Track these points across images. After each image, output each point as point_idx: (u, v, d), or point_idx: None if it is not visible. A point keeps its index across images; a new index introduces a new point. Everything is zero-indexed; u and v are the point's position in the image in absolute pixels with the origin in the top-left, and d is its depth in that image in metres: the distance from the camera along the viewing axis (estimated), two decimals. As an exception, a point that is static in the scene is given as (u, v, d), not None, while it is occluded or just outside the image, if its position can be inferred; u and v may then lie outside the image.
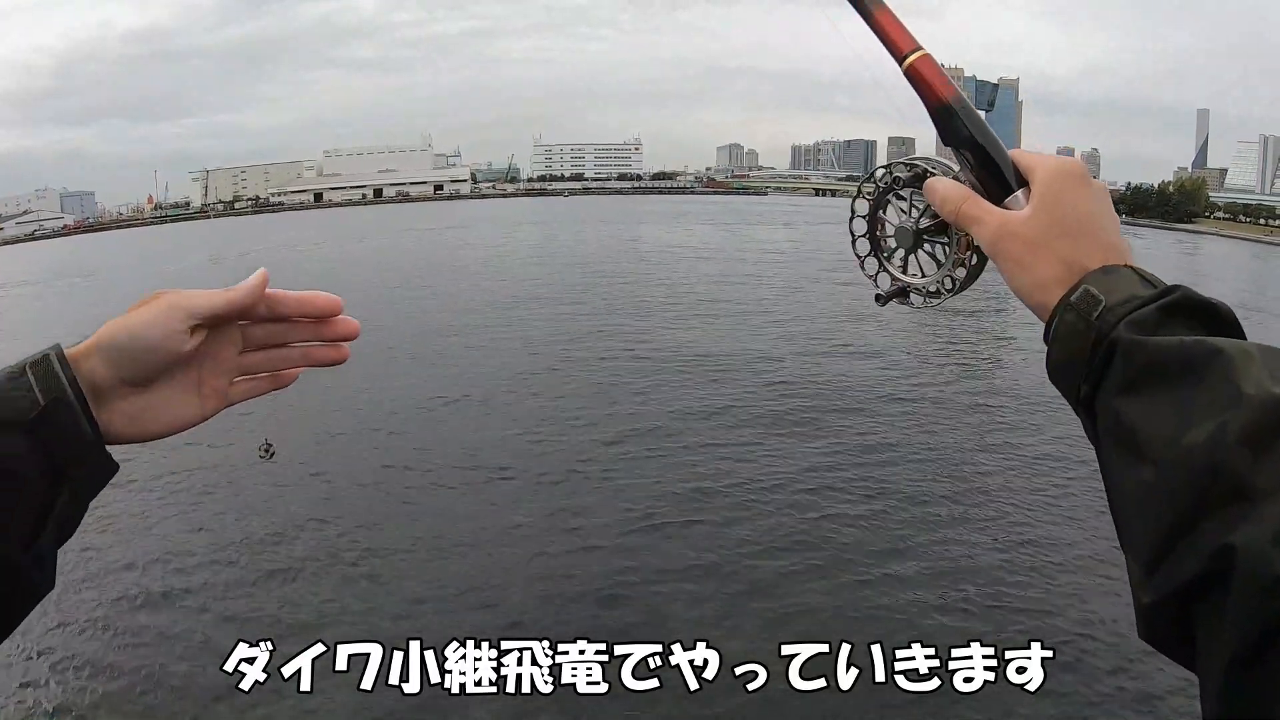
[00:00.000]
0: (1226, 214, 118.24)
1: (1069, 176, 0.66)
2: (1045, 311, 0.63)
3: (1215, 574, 0.46)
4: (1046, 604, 7.92)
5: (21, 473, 0.56)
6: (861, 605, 7.75)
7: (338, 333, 0.73)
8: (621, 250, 45.39)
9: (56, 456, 0.58)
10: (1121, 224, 0.67)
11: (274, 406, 14.62)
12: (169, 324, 0.63)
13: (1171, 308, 0.56)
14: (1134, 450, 0.53)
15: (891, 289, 0.76)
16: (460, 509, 10.16)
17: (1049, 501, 10.05)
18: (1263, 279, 47.34)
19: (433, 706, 5.69)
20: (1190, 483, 0.49)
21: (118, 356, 0.62)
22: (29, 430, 0.57)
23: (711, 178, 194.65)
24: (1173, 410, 0.51)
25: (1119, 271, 0.61)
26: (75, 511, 0.61)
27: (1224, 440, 0.48)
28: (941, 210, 0.70)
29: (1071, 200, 0.65)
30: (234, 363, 0.71)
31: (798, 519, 9.76)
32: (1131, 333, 0.55)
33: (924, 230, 0.74)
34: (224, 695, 6.36)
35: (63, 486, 0.59)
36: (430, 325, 22.20)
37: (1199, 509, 0.48)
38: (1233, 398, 0.49)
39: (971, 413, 14.47)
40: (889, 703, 5.19)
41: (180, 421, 0.68)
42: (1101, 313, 0.58)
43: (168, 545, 9.20)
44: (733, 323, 22.72)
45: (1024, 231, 0.65)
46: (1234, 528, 0.46)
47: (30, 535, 0.57)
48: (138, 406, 0.65)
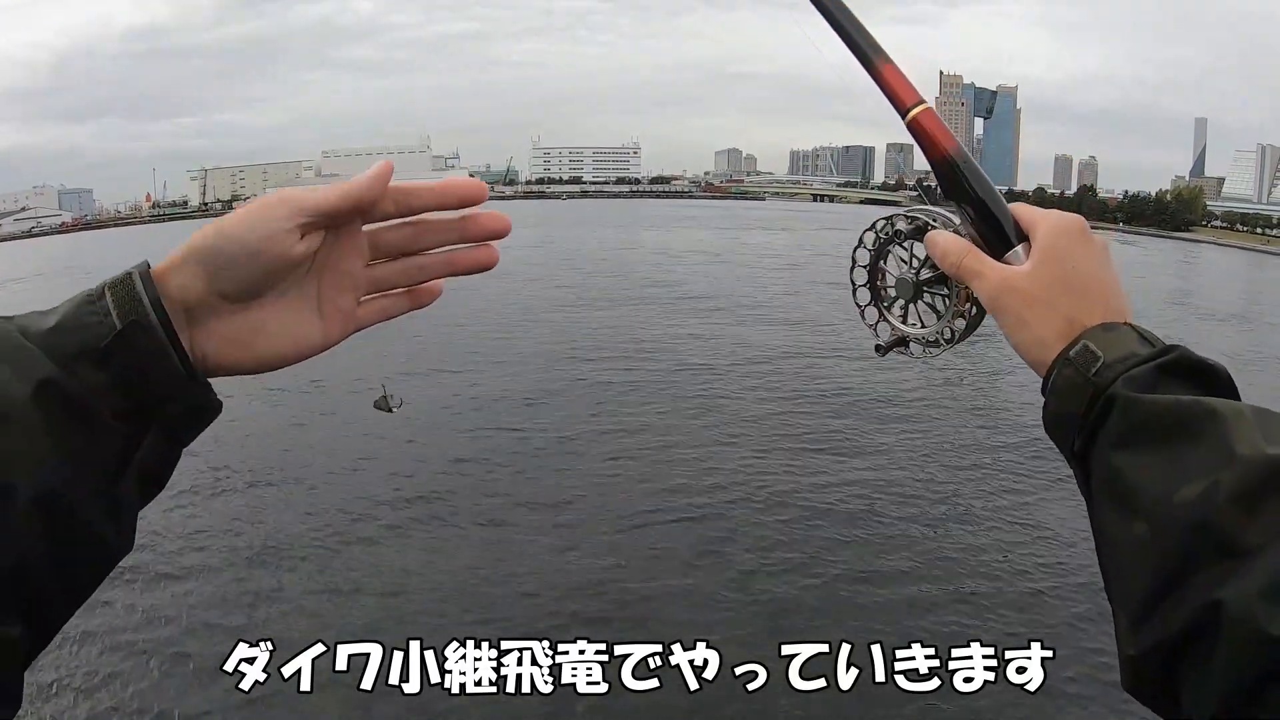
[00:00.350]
0: (1223, 223, 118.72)
1: (1070, 233, 0.66)
2: (1043, 368, 0.63)
3: (1202, 629, 0.47)
4: (1046, 604, 7.95)
5: (96, 411, 0.48)
6: (862, 605, 7.77)
7: (485, 228, 0.60)
8: (621, 251, 45.41)
9: (138, 391, 0.50)
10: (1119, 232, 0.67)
11: (275, 405, 14.60)
12: (272, 221, 0.53)
13: (1169, 367, 0.57)
14: (1126, 504, 0.54)
15: (891, 339, 0.78)
16: (460, 509, 10.16)
17: (1050, 501, 10.08)
18: (1258, 288, 47.48)
19: (433, 706, 5.69)
20: (1181, 538, 0.50)
21: (212, 265, 0.53)
22: (102, 360, 0.48)
23: (710, 182, 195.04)
24: (1166, 467, 0.52)
25: (1119, 329, 0.61)
26: (165, 459, 0.54)
27: (1215, 498, 0.49)
28: (942, 263, 0.71)
29: (1073, 257, 0.65)
30: (361, 276, 0.60)
31: (798, 519, 9.78)
32: (1129, 389, 0.56)
33: (924, 281, 0.75)
34: (224, 695, 6.36)
35: (148, 427, 0.51)
36: (429, 325, 22.20)
37: (1188, 564, 0.49)
38: (1226, 457, 0.50)
39: (973, 414, 14.52)
40: (889, 702, 5.21)
41: (297, 347, 0.58)
42: (1100, 369, 0.59)
43: (165, 544, 9.18)
44: (733, 324, 22.77)
45: (1025, 287, 0.65)
46: (1222, 584, 0.47)
47: (107, 485, 0.49)
48: (241, 328, 0.55)
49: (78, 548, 0.48)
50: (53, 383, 0.47)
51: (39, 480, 0.45)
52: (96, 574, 0.51)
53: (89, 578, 0.50)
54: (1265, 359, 22.21)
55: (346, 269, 0.58)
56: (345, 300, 0.59)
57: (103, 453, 0.48)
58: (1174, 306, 32.05)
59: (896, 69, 0.74)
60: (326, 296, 0.58)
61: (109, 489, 0.49)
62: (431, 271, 0.61)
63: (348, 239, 0.58)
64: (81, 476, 0.47)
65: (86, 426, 0.48)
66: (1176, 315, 29.57)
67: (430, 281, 0.62)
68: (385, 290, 0.61)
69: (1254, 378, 18.30)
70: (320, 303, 0.58)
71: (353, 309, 0.59)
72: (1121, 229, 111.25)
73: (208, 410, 0.55)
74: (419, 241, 0.60)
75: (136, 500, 0.52)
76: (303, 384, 16.10)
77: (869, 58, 0.75)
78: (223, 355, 0.54)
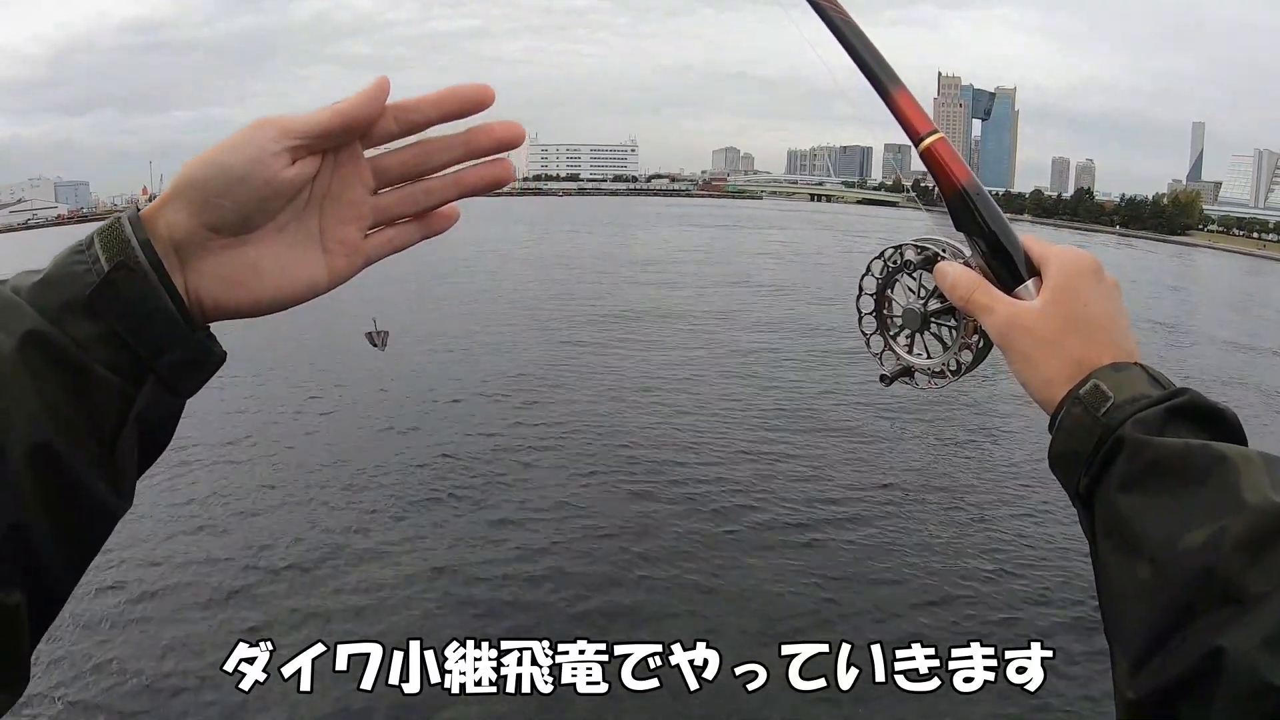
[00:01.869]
0: (1220, 227, 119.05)
1: (1082, 272, 0.66)
2: (1049, 405, 0.63)
3: (1203, 675, 0.47)
4: (1046, 604, 7.97)
5: (86, 363, 0.45)
6: (861, 605, 7.77)
7: (495, 138, 0.55)
8: (619, 254, 45.40)
9: (131, 340, 0.47)
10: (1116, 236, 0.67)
11: (270, 403, 14.59)
12: (258, 144, 0.49)
13: (1179, 410, 0.56)
14: (1131, 547, 0.53)
15: (897, 369, 0.77)
16: (460, 508, 10.15)
17: (1050, 500, 10.08)
18: (1253, 292, 47.64)
19: (433, 705, 5.69)
20: (1184, 583, 0.49)
21: (198, 196, 0.49)
22: (91, 309, 0.46)
23: (707, 181, 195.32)
24: (1173, 511, 0.52)
25: (1129, 369, 0.61)
26: (166, 413, 0.50)
27: (1221, 544, 0.49)
28: (951, 296, 0.70)
29: (1084, 296, 0.65)
30: (366, 206, 0.55)
31: (798, 519, 9.79)
32: (1137, 431, 0.56)
33: (932, 312, 0.75)
34: (224, 695, 6.35)
35: (144, 379, 0.47)
36: (428, 326, 22.16)
37: (1191, 610, 0.49)
38: (1233, 503, 0.50)
39: (975, 413, 14.55)
40: (889, 702, 5.22)
41: (298, 284, 0.53)
42: (1109, 409, 0.58)
43: (162, 543, 9.16)
44: (733, 326, 22.78)
45: (1035, 326, 0.65)
46: (1224, 630, 0.47)
47: (103, 441, 0.46)
48: (237, 265, 0.51)
49: (75, 507, 0.45)
50: (39, 335, 0.44)
51: (29, 437, 0.43)
52: (96, 534, 0.48)
53: (89, 538, 0.48)
54: (1262, 356, 22.28)
55: (349, 198, 0.54)
56: (349, 232, 0.55)
57: (96, 407, 0.46)
58: (1171, 306, 32.19)
59: (910, 95, 0.74)
60: (329, 229, 0.54)
61: (105, 444, 0.46)
62: (440, 194, 0.56)
63: (348, 165, 0.54)
64: (74, 432, 0.45)
65: (77, 380, 0.45)
66: (1173, 311, 29.68)
67: (443, 208, 0.57)
68: (394, 220, 0.57)
69: (1250, 377, 18.36)
70: (323, 236, 0.54)
71: (358, 241, 0.55)
72: (1119, 233, 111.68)
73: (209, 360, 0.51)
74: (425, 162, 0.56)
75: (135, 456, 0.49)
76: (306, 381, 16.09)
77: (882, 83, 0.74)
78: (219, 296, 0.51)
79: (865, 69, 0.75)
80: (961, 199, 0.71)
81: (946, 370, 0.75)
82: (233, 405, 13.98)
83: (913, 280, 0.76)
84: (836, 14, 0.75)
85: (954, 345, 0.74)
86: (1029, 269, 0.68)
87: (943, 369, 0.75)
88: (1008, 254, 0.69)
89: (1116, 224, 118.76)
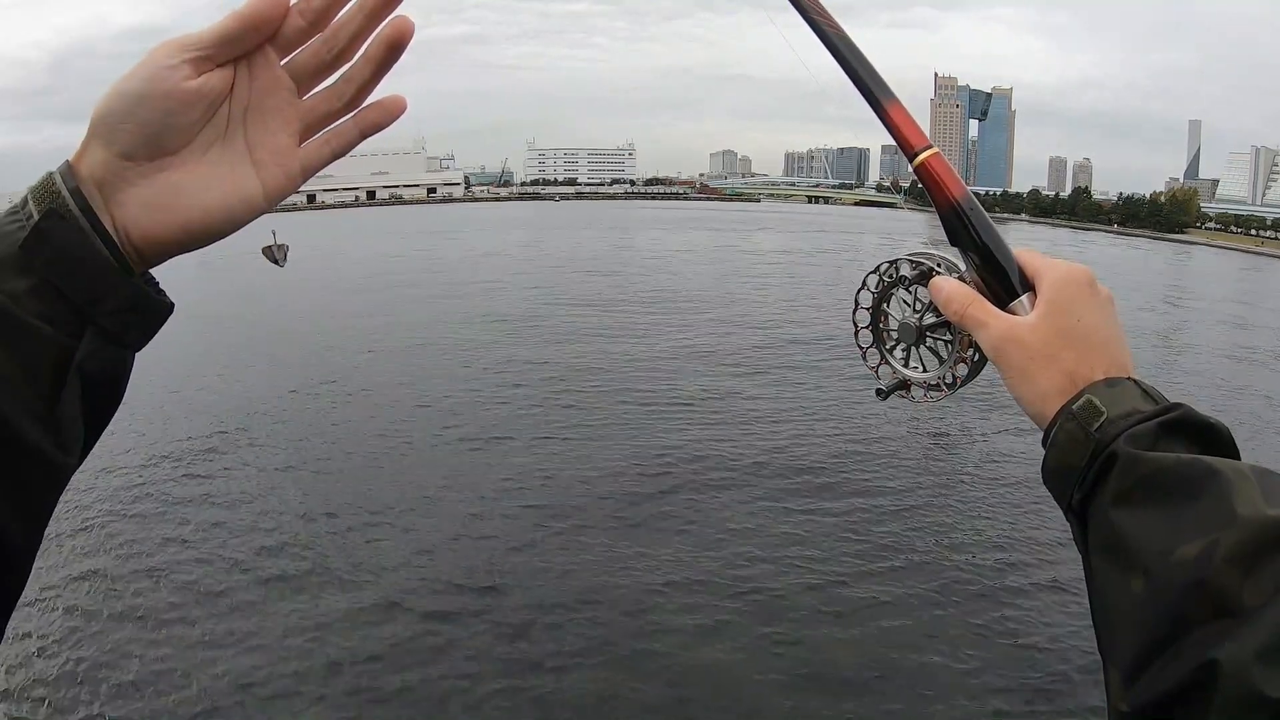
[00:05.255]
0: (1218, 224, 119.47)
1: (1076, 285, 0.66)
2: (1043, 420, 0.63)
3: (1196, 687, 0.47)
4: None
5: (22, 318, 0.45)
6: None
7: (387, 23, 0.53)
8: (620, 256, 45.41)
9: (63, 288, 0.46)
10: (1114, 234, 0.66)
11: (269, 403, 14.50)
12: (154, 61, 0.48)
13: (1171, 425, 0.57)
14: (1124, 561, 0.54)
15: (893, 383, 0.78)
16: (462, 511, 10.12)
17: (1048, 513, 10.02)
18: (1251, 289, 47.65)
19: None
20: (1177, 596, 0.50)
21: (105, 128, 0.48)
22: (23, 262, 0.45)
23: (705, 184, 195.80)
24: (1166, 525, 0.52)
25: (1122, 384, 0.61)
26: (109, 365, 0.49)
27: (1214, 557, 0.49)
28: (945, 310, 0.71)
29: (1078, 310, 0.65)
30: (292, 110, 0.53)
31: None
32: (1130, 447, 0.56)
33: (927, 326, 0.75)
34: (224, 694, 6.35)
35: (81, 330, 0.47)
36: (427, 325, 22.16)
37: (1184, 623, 0.49)
38: (1226, 517, 0.50)
39: (985, 411, 14.43)
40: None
41: (228, 201, 0.52)
42: (1102, 424, 0.58)
43: (157, 549, 9.14)
44: (736, 330, 22.76)
45: (1029, 340, 0.65)
46: (1218, 643, 0.47)
47: (41, 395, 0.46)
48: (157, 189, 0.50)
49: (17, 465, 0.45)
50: None
51: None
52: (45, 493, 0.47)
53: (37, 499, 0.47)
54: (1259, 357, 22.30)
55: (272, 106, 0.52)
56: (278, 141, 0.53)
57: (32, 360, 0.45)
58: (1172, 306, 32.21)
59: (903, 109, 0.74)
60: (257, 141, 0.52)
61: (45, 398, 0.46)
62: (357, 79, 0.54)
63: (264, 73, 0.52)
64: (10, 386, 0.44)
65: (11, 334, 0.45)
66: (1169, 313, 29.71)
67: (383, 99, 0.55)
68: (328, 121, 0.55)
69: (1248, 378, 18.29)
70: (252, 150, 0.52)
71: (291, 148, 0.53)
72: (1116, 231, 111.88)
73: (150, 307, 0.50)
74: (335, 44, 0.53)
75: (79, 411, 0.48)
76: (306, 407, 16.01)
77: (876, 96, 0.74)
78: (145, 226, 0.49)
79: (858, 82, 0.75)
80: (956, 214, 0.71)
81: (942, 384, 0.75)
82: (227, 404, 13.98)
83: (908, 294, 0.77)
84: (830, 28, 0.75)
85: (950, 359, 0.74)
86: (1023, 283, 0.68)
87: (939, 382, 0.75)
88: (1002, 268, 0.69)
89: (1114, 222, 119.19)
